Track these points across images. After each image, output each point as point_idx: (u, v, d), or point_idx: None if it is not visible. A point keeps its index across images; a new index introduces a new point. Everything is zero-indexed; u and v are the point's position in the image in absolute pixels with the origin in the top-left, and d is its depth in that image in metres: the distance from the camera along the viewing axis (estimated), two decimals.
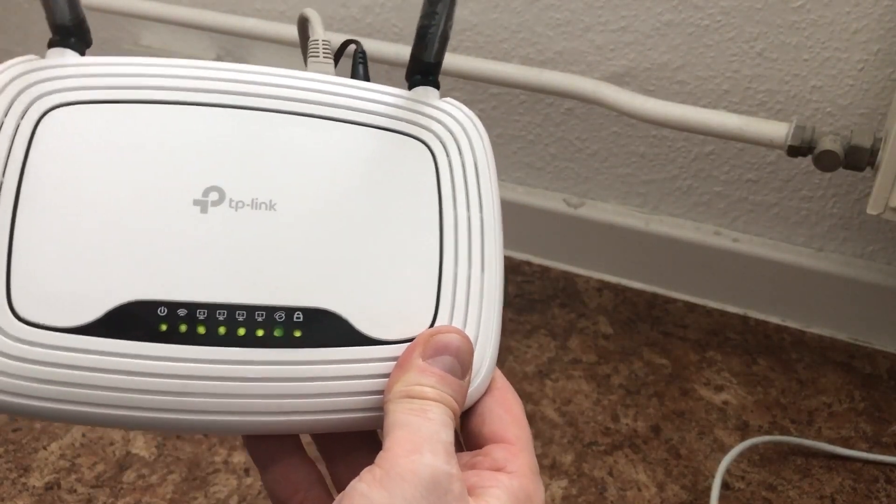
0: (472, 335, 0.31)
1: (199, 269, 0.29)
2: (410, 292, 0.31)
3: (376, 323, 0.30)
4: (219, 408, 0.29)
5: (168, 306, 0.29)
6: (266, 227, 0.30)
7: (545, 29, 0.87)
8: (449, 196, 0.33)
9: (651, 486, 0.71)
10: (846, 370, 0.84)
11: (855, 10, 0.75)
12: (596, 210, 0.94)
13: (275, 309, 0.29)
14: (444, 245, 0.32)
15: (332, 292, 0.30)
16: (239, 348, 0.29)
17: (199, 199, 0.30)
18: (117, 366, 0.28)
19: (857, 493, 0.71)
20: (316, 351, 0.30)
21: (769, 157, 0.85)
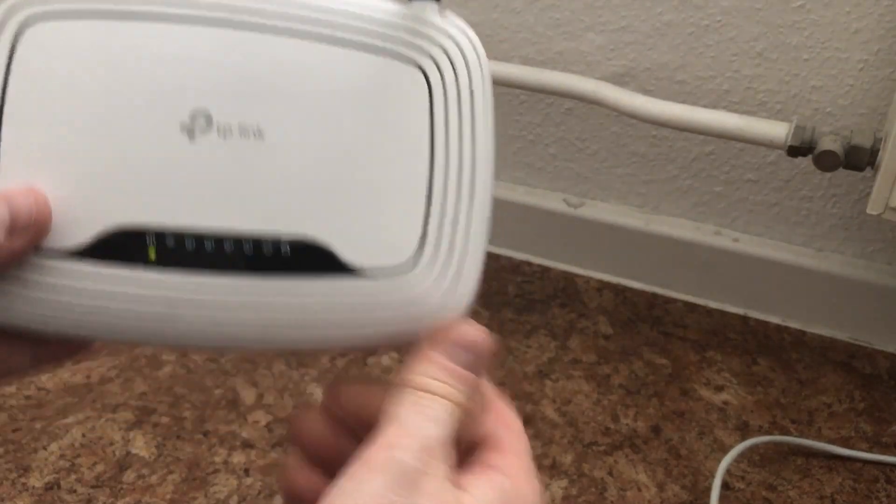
0: (455, 268, 0.32)
1: (187, 197, 0.29)
2: (397, 221, 0.31)
3: (361, 252, 0.31)
4: (204, 331, 0.30)
5: (157, 232, 0.29)
6: (254, 155, 0.30)
7: (545, 29, 0.87)
8: (441, 125, 0.32)
9: (651, 487, 0.71)
10: (846, 370, 0.84)
11: (855, 10, 0.75)
12: (596, 210, 0.94)
13: (262, 237, 0.30)
14: (434, 175, 0.32)
15: (318, 221, 0.30)
16: (226, 275, 0.29)
17: (186, 124, 0.30)
18: (106, 289, 0.29)
19: (858, 493, 0.71)
20: (301, 278, 0.30)
21: (769, 157, 0.85)
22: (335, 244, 0.30)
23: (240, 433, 0.73)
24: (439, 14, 0.34)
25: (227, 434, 0.73)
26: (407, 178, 0.31)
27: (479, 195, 0.32)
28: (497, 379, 0.81)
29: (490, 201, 0.33)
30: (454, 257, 0.32)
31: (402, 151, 0.31)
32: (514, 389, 0.80)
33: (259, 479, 0.69)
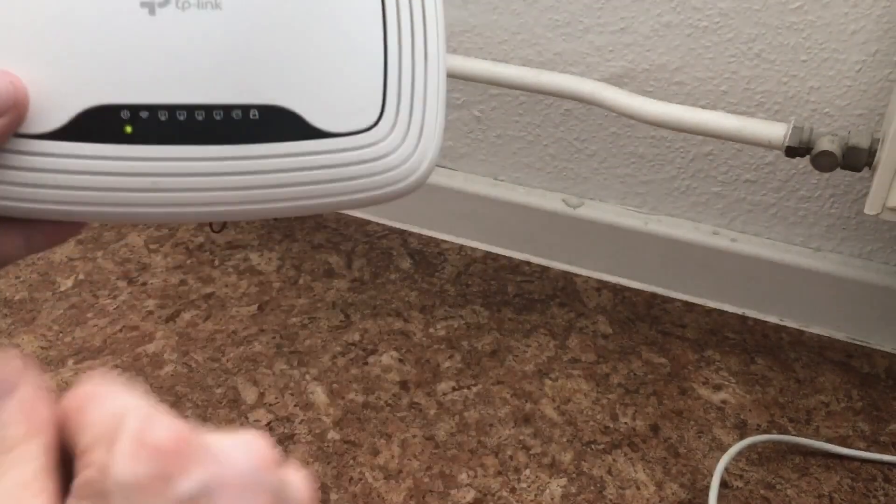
0: (417, 126, 0.33)
1: (155, 72, 0.31)
2: (358, 85, 0.33)
3: (327, 116, 0.32)
4: (186, 201, 0.31)
5: (130, 109, 0.30)
6: (214, 27, 0.31)
7: (544, 30, 0.87)
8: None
9: (650, 485, 0.71)
10: (844, 369, 0.85)
11: (853, 12, 0.75)
12: (595, 210, 0.95)
13: (231, 107, 0.31)
14: (388, 36, 0.33)
15: (284, 88, 0.32)
16: (201, 145, 0.31)
17: (145, 2, 0.31)
18: (88, 167, 0.30)
19: (855, 491, 0.71)
20: (272, 145, 0.32)
21: (767, 157, 0.85)
22: (302, 110, 0.32)
23: None
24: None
25: None
26: (362, 40, 0.33)
27: (431, 53, 0.34)
28: (496, 378, 0.81)
29: (444, 60, 0.34)
30: (415, 115, 0.33)
31: (355, 13, 0.33)
32: (514, 388, 0.80)
33: None
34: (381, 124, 0.33)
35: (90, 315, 0.86)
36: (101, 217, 0.31)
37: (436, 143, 0.34)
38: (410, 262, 0.97)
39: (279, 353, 0.83)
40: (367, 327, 0.87)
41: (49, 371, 0.79)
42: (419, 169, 0.33)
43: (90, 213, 0.31)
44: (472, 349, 0.85)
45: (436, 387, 0.80)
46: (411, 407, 0.78)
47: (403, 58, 0.33)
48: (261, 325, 0.86)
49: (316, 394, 0.78)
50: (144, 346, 0.83)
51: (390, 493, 0.69)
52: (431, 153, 0.34)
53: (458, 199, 0.99)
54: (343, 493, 0.69)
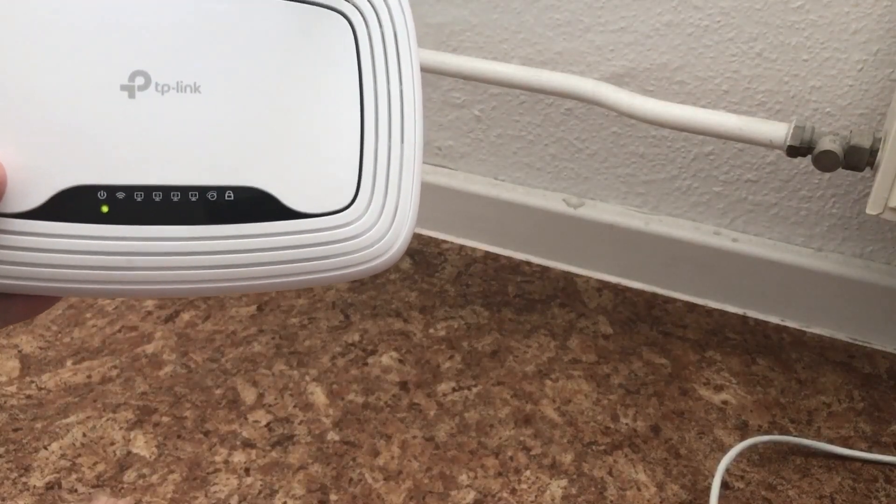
0: (392, 205, 0.34)
1: (133, 154, 0.31)
2: (334, 166, 0.33)
3: (303, 197, 0.33)
4: (161, 279, 0.32)
5: (107, 189, 0.31)
6: (193, 110, 0.32)
7: (545, 29, 0.87)
8: (369, 68, 0.34)
9: (651, 486, 0.71)
10: (845, 370, 0.84)
11: (854, 11, 0.75)
12: (595, 210, 0.94)
13: (207, 188, 0.32)
14: (365, 118, 0.34)
15: (259, 170, 0.32)
16: (176, 226, 0.32)
17: (126, 85, 0.31)
18: (65, 246, 0.31)
19: (857, 492, 0.71)
20: (246, 225, 0.32)
21: (769, 157, 0.85)
22: (277, 191, 0.32)
23: (240, 433, 0.73)
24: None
25: (227, 434, 0.73)
26: (339, 122, 0.33)
27: (408, 133, 0.34)
28: (497, 378, 0.81)
29: (421, 139, 0.35)
30: (390, 196, 0.34)
31: (333, 97, 0.33)
32: (514, 389, 0.80)
33: (259, 478, 0.69)
34: (356, 205, 0.33)
35: (89, 315, 0.86)
36: (78, 293, 0.32)
37: (409, 223, 0.34)
38: (410, 262, 0.97)
39: (278, 354, 0.82)
40: (367, 328, 0.86)
41: (48, 371, 0.79)
42: (392, 248, 0.34)
43: (66, 290, 0.31)
44: (472, 350, 0.85)
45: (436, 387, 0.80)
46: (411, 408, 0.77)
47: (380, 140, 0.34)
48: (260, 325, 0.86)
49: (315, 394, 0.78)
50: (143, 347, 0.82)
51: (390, 494, 0.69)
52: (405, 233, 0.34)
53: (458, 199, 0.99)
54: (343, 494, 0.68)
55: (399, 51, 0.34)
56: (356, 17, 0.34)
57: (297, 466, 0.71)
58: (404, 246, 0.34)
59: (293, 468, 0.70)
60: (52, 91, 0.31)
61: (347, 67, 0.34)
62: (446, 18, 0.90)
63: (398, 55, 0.34)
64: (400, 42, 0.34)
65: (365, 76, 0.34)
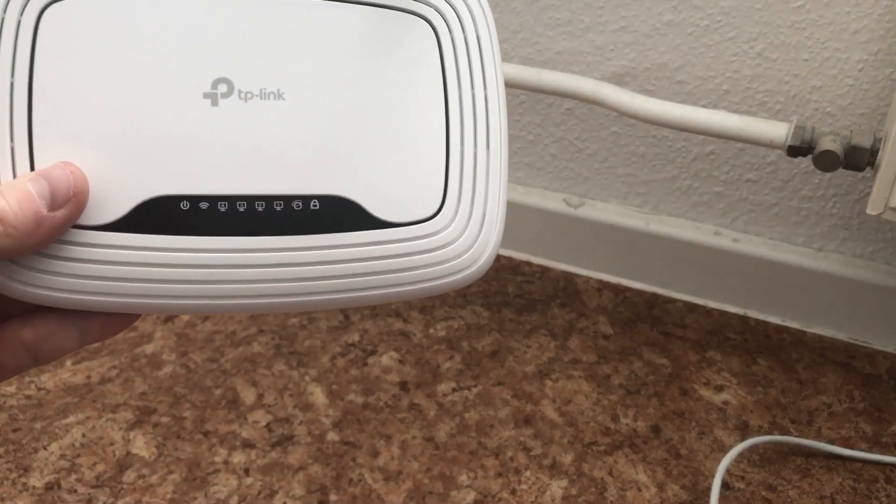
0: (480, 213, 0.33)
1: (216, 163, 0.30)
2: (420, 174, 0.32)
3: (389, 206, 0.32)
4: (244, 293, 0.31)
5: (190, 200, 0.30)
6: (276, 117, 0.31)
7: (545, 29, 0.87)
8: (453, 74, 0.33)
9: (651, 486, 0.71)
10: (846, 370, 0.84)
11: (855, 10, 0.75)
12: (596, 210, 0.94)
13: (292, 198, 0.31)
14: (450, 124, 0.33)
15: (345, 178, 0.31)
16: (260, 237, 0.30)
17: (208, 93, 0.31)
18: (147, 259, 0.30)
19: (857, 493, 0.71)
20: (332, 236, 0.31)
21: (769, 157, 0.85)
22: (363, 200, 0.31)
23: (240, 433, 0.73)
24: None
25: (227, 434, 0.73)
26: (425, 129, 0.33)
27: (494, 139, 0.33)
28: (497, 378, 0.81)
29: (506, 145, 0.34)
30: (477, 205, 0.33)
31: (417, 103, 0.33)
32: (514, 389, 0.80)
33: (259, 479, 0.69)
34: (442, 214, 0.32)
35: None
36: (158, 309, 0.31)
37: (497, 232, 0.33)
38: None
39: (278, 354, 0.82)
40: (367, 328, 0.86)
41: (47, 372, 0.79)
42: (480, 259, 0.33)
43: (147, 306, 0.30)
44: (472, 350, 0.84)
45: (436, 388, 0.80)
46: (411, 408, 0.77)
47: (466, 147, 0.33)
48: (260, 325, 0.86)
49: (315, 395, 0.78)
50: (143, 347, 0.82)
51: (390, 494, 0.69)
52: (493, 243, 0.33)
53: None
54: (342, 495, 0.68)
55: (483, 56, 0.34)
56: (439, 23, 0.34)
57: (297, 467, 0.71)
58: (492, 257, 0.33)
59: (293, 468, 0.70)
60: (134, 100, 0.30)
61: (431, 73, 0.33)
62: None
63: (482, 60, 0.34)
64: (483, 47, 0.34)
65: (449, 82, 0.33)
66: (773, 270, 0.89)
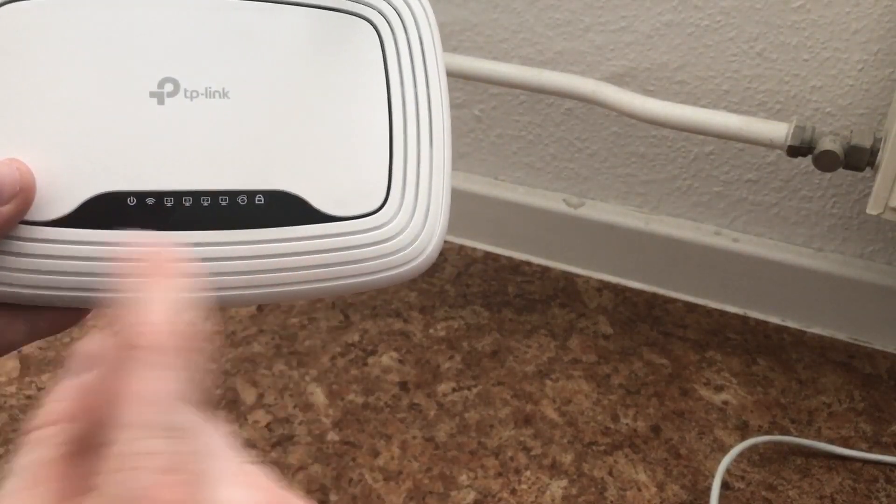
0: (423, 208, 0.34)
1: (162, 159, 0.31)
2: (364, 169, 0.33)
3: (333, 201, 0.32)
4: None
5: (137, 196, 0.31)
6: (221, 115, 0.32)
7: (545, 29, 0.87)
8: (395, 72, 0.34)
9: (651, 486, 0.71)
10: (846, 370, 0.84)
11: (855, 11, 0.75)
12: (596, 210, 0.94)
13: (237, 193, 0.31)
14: (393, 122, 0.34)
15: (289, 174, 0.32)
16: (205, 231, 0.31)
17: (155, 91, 0.31)
18: (95, 253, 0.30)
19: (857, 492, 0.71)
20: (277, 230, 0.32)
21: (769, 157, 0.85)
22: (307, 195, 0.32)
23: (240, 433, 0.73)
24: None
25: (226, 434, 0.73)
26: (368, 126, 0.33)
27: (437, 136, 0.34)
28: (497, 378, 0.81)
29: (449, 141, 0.34)
30: (420, 199, 0.34)
31: (360, 101, 0.33)
32: (514, 389, 0.80)
33: None
34: (386, 207, 0.33)
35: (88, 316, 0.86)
36: (102, 303, 0.31)
37: (441, 225, 0.34)
38: None
39: (278, 354, 0.82)
40: (367, 328, 0.86)
41: (48, 372, 0.79)
42: (425, 251, 0.33)
43: (95, 300, 0.31)
44: (472, 350, 0.84)
45: (436, 388, 0.80)
46: (411, 408, 0.77)
47: (409, 143, 0.33)
48: (260, 325, 0.86)
49: (315, 395, 0.78)
50: None
51: (390, 494, 0.69)
52: (437, 236, 0.34)
53: (458, 199, 0.98)
54: (343, 495, 0.68)
55: (425, 55, 0.34)
56: (381, 24, 0.34)
57: (297, 467, 0.71)
58: (437, 250, 0.34)
59: (293, 468, 0.70)
60: (82, 98, 0.31)
61: (374, 72, 0.34)
62: (446, 18, 0.90)
63: (424, 59, 0.34)
64: (426, 46, 0.34)
65: (392, 80, 0.34)
66: (773, 270, 0.89)
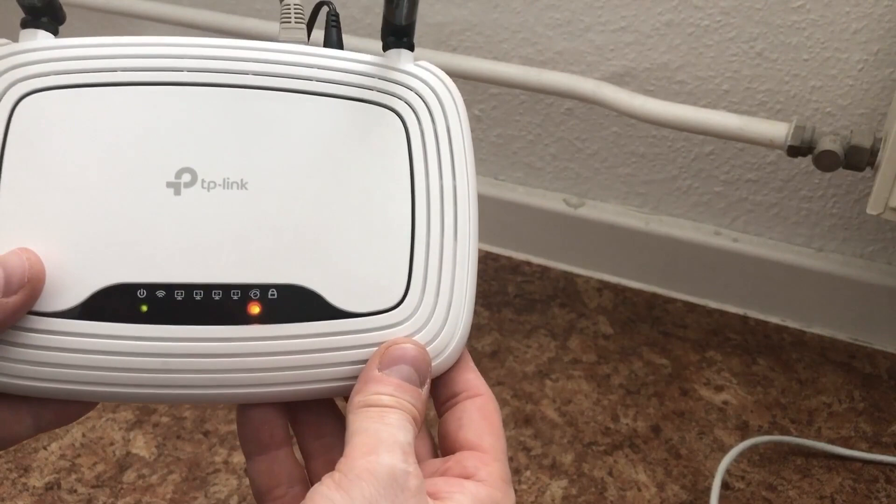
0: (445, 304, 0.32)
1: (175, 251, 0.30)
2: (383, 264, 0.32)
3: (350, 296, 0.31)
4: (199, 383, 0.30)
5: (147, 288, 0.30)
6: (238, 207, 0.31)
7: (545, 29, 0.87)
8: (421, 164, 0.33)
9: (651, 486, 0.71)
10: (846, 370, 0.84)
11: (855, 11, 0.75)
12: (596, 210, 0.94)
13: (249, 287, 0.30)
14: (416, 214, 0.32)
15: (304, 268, 0.31)
16: (216, 325, 0.30)
17: (172, 182, 0.31)
18: (101, 347, 0.30)
19: (857, 493, 0.71)
20: (291, 325, 0.31)
21: (769, 157, 0.85)
22: (323, 289, 0.31)
23: None
24: (413, 61, 0.35)
25: (227, 434, 0.73)
26: (390, 218, 0.32)
27: (462, 229, 0.33)
28: (497, 378, 0.81)
29: (475, 234, 0.33)
30: (442, 295, 0.32)
31: (383, 193, 0.32)
32: (514, 389, 0.80)
33: None
34: (405, 304, 0.31)
35: None
36: (113, 397, 0.30)
37: (464, 323, 0.32)
38: None
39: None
40: None
41: None
42: (445, 351, 0.32)
43: (102, 394, 0.30)
44: (472, 350, 0.84)
45: None
46: None
47: (432, 236, 0.32)
48: None
49: None
50: None
51: None
52: (459, 334, 0.32)
53: None
54: None
55: (452, 146, 0.33)
56: (408, 115, 0.33)
57: None
58: (458, 349, 0.32)
59: None
60: (97, 188, 0.30)
61: (398, 163, 0.32)
62: (446, 18, 0.90)
63: (451, 151, 0.33)
64: (454, 138, 0.33)
65: (416, 171, 0.32)
66: (773, 270, 0.89)
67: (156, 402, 0.31)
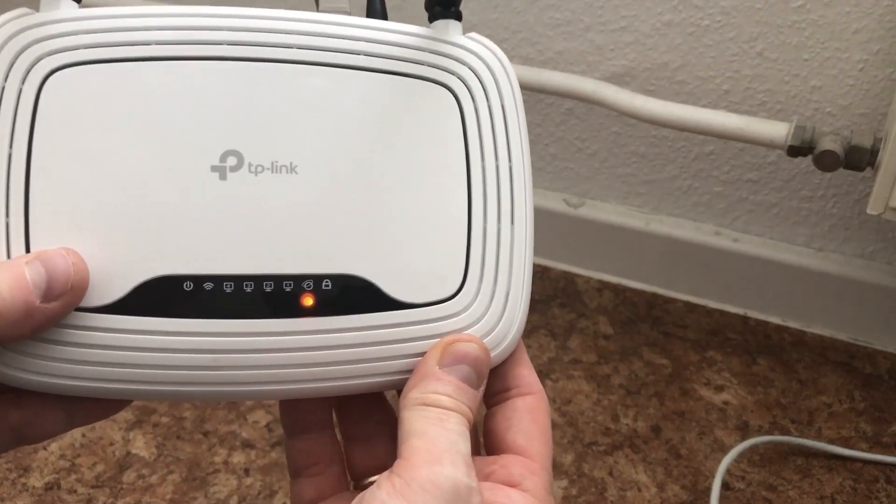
0: (503, 294, 0.31)
1: (222, 241, 0.28)
2: (439, 252, 0.30)
3: (406, 286, 0.29)
4: (251, 379, 0.28)
5: (194, 280, 0.28)
6: (288, 192, 0.29)
7: (545, 29, 0.87)
8: (476, 145, 0.31)
9: (651, 487, 0.71)
10: (846, 370, 0.84)
11: (855, 10, 0.75)
12: (596, 210, 0.94)
13: (302, 277, 0.29)
14: (473, 198, 0.31)
15: (359, 257, 0.29)
16: (267, 319, 0.28)
17: (217, 166, 0.29)
18: (145, 343, 0.28)
19: (858, 493, 0.71)
20: (346, 318, 0.29)
21: (769, 157, 0.85)
22: (379, 280, 0.29)
23: (240, 433, 0.73)
24: (462, 32, 0.33)
25: (227, 434, 0.73)
26: (445, 203, 0.30)
27: (518, 213, 0.31)
28: None
29: (531, 218, 0.32)
30: (500, 283, 0.31)
31: (438, 177, 0.30)
32: None
33: (259, 479, 0.69)
34: (463, 293, 0.30)
35: None
36: (157, 396, 0.28)
37: (521, 312, 0.31)
38: None
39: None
40: None
41: None
42: (504, 341, 0.30)
43: (146, 393, 0.28)
44: None
45: None
46: None
47: (489, 222, 0.31)
48: None
49: None
50: None
51: None
52: (517, 325, 0.31)
53: None
54: None
55: (508, 126, 0.31)
56: (462, 91, 0.31)
57: None
58: (514, 341, 0.31)
59: None
60: (137, 174, 0.28)
61: (453, 145, 0.31)
62: None
63: (507, 130, 0.31)
64: (508, 117, 0.31)
65: (472, 154, 0.31)
66: (774, 270, 0.89)
67: (205, 399, 0.29)
